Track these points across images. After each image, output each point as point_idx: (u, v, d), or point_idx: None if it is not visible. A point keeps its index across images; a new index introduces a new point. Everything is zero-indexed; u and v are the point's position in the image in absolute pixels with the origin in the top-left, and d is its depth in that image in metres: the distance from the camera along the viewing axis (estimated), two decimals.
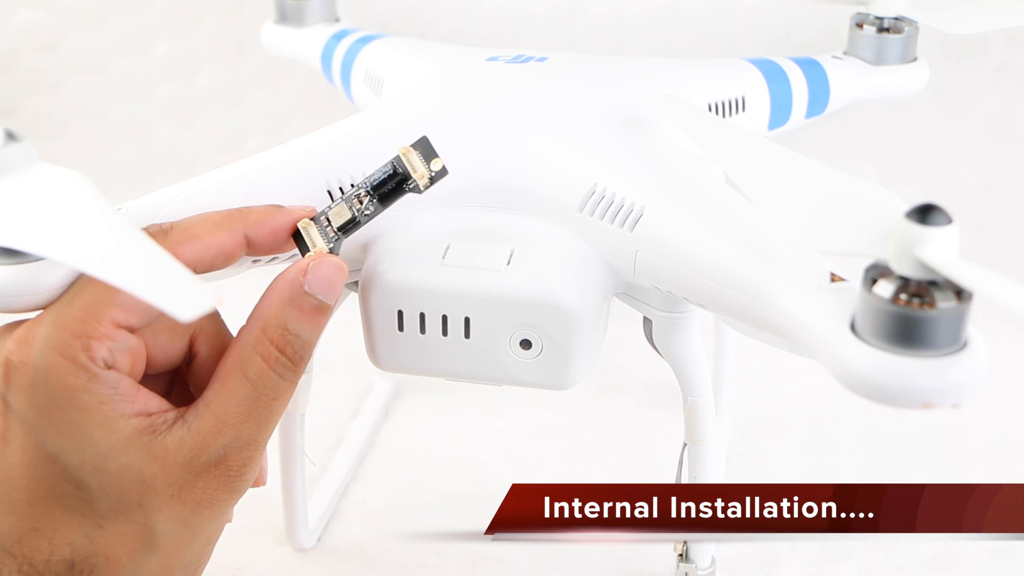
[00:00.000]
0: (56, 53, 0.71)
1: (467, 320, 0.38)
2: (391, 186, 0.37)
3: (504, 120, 0.42)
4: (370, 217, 0.37)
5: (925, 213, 0.29)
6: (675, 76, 0.47)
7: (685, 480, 0.45)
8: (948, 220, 0.29)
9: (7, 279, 0.34)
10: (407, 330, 0.38)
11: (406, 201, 0.37)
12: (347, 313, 0.38)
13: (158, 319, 0.35)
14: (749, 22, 0.63)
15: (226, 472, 0.35)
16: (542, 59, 0.47)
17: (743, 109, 0.48)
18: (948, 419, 0.59)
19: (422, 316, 0.38)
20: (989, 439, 0.58)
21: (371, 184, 0.37)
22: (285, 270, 0.36)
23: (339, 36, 0.57)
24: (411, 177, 0.37)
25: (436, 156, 0.37)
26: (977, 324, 0.30)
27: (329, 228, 0.37)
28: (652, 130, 0.42)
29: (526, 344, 0.38)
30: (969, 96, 0.64)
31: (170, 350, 0.36)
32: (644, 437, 0.59)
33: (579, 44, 0.66)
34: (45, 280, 0.34)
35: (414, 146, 0.37)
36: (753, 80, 0.48)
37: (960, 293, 0.29)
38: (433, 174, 0.37)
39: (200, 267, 0.36)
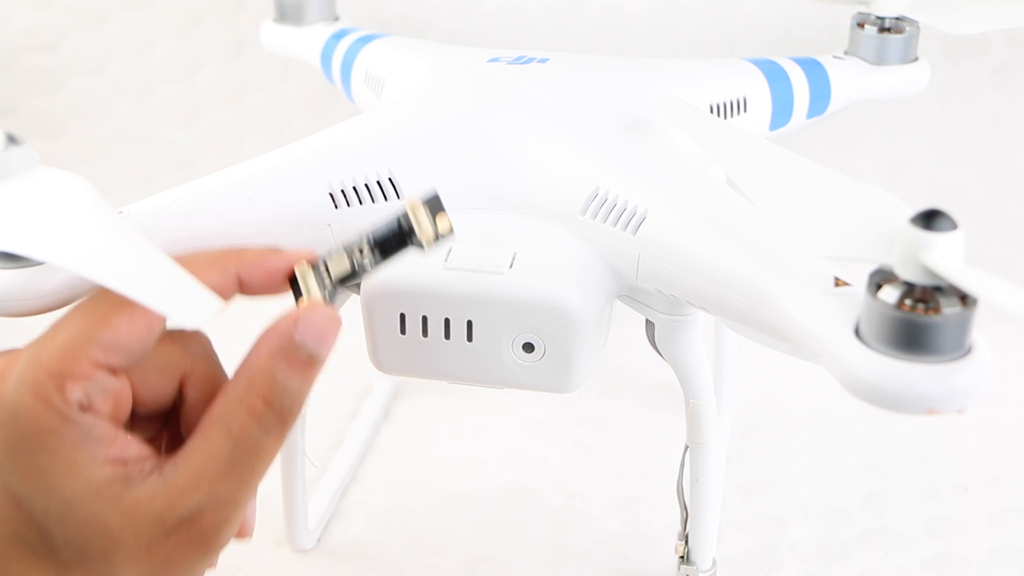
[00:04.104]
0: (56, 53, 0.71)
1: (470, 323, 0.37)
2: (394, 242, 0.35)
3: (506, 123, 0.42)
4: (369, 270, 0.35)
5: (930, 219, 0.28)
6: (676, 77, 0.47)
7: (687, 482, 0.45)
8: (953, 226, 0.28)
9: (7, 283, 0.34)
10: (409, 333, 0.38)
11: None
12: (347, 314, 0.38)
13: (146, 359, 0.33)
14: (749, 22, 0.63)
15: (199, 532, 0.32)
16: (543, 60, 0.47)
17: (745, 110, 0.48)
18: (948, 419, 0.59)
19: (424, 319, 0.38)
20: (989, 439, 0.58)
21: (374, 238, 0.35)
22: (276, 320, 0.34)
23: (339, 35, 0.56)
24: (416, 234, 0.35)
25: (443, 213, 0.35)
26: (977, 324, 0.30)
27: (327, 277, 0.35)
28: (654, 133, 0.42)
29: (529, 347, 0.38)
30: (969, 96, 0.64)
31: (159, 392, 0.34)
32: (644, 438, 0.59)
33: (580, 44, 0.66)
34: (45, 285, 0.34)
35: (425, 202, 0.35)
36: (754, 80, 0.48)
37: (965, 298, 0.29)
38: (439, 234, 0.35)
39: None
